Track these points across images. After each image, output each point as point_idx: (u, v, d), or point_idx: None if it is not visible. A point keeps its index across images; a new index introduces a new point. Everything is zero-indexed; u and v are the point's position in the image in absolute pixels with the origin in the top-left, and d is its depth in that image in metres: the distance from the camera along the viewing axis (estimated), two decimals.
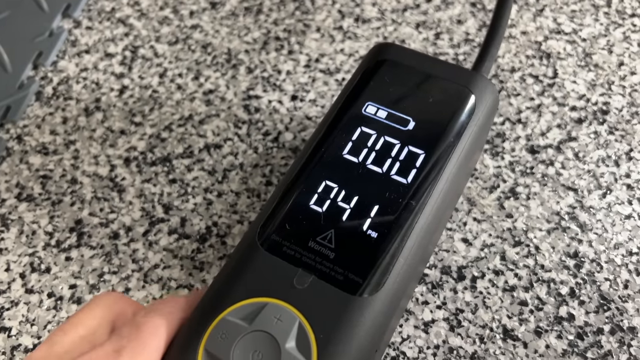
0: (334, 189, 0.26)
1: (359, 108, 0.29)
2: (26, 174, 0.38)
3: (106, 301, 0.24)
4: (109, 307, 0.24)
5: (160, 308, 0.24)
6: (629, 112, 0.37)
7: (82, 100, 0.41)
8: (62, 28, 0.45)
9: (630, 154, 0.36)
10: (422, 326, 0.31)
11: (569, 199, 0.34)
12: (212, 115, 0.40)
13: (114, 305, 0.24)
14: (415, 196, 0.26)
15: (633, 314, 0.31)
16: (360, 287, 0.24)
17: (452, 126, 0.28)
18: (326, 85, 0.40)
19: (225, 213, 0.36)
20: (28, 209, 0.37)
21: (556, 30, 0.42)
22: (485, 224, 0.34)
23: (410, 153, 0.27)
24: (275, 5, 0.45)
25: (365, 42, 0.42)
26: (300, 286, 0.24)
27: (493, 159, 0.36)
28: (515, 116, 0.38)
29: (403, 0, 0.44)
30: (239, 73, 0.42)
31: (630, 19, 0.42)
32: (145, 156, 0.38)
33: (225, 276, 0.25)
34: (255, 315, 0.23)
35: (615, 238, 0.33)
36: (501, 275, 0.32)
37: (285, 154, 0.38)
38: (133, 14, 0.46)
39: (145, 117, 0.40)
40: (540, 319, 0.31)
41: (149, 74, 0.42)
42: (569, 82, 0.39)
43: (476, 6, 0.43)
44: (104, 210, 0.36)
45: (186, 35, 0.44)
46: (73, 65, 0.43)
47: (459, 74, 0.29)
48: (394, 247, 0.25)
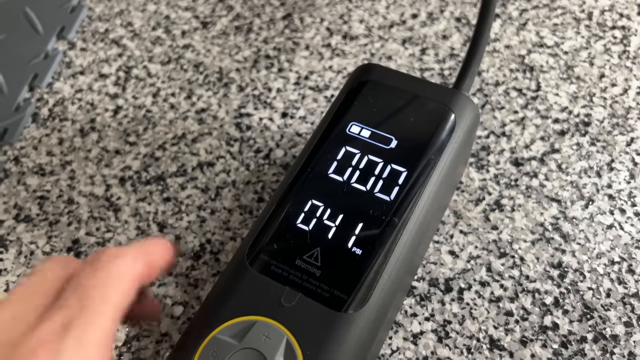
0: (320, 208, 0.27)
1: (344, 128, 0.30)
2: (24, 195, 0.39)
3: (50, 265, 0.22)
4: (52, 271, 0.22)
5: (107, 264, 0.22)
6: (610, 124, 0.38)
7: (77, 121, 0.42)
8: (57, 50, 0.46)
9: (611, 164, 0.37)
10: (411, 338, 0.32)
11: (552, 210, 0.35)
12: (204, 133, 0.41)
13: (58, 270, 0.22)
14: (397, 213, 0.27)
15: (615, 322, 0.31)
16: (345, 303, 0.25)
17: (432, 144, 0.28)
18: (315, 102, 0.41)
19: (218, 230, 0.36)
20: (26, 229, 0.38)
21: (539, 43, 0.43)
22: (471, 236, 0.35)
23: (392, 171, 0.28)
24: (265, 24, 0.46)
25: (353, 59, 0.43)
26: (287, 304, 0.25)
27: (478, 172, 0.37)
28: (500, 129, 0.39)
29: (389, 17, 0.45)
30: (231, 91, 0.43)
31: (610, 31, 0.43)
32: (139, 175, 0.39)
33: (216, 295, 0.26)
34: (245, 333, 0.24)
35: (597, 248, 0.34)
36: (487, 286, 0.33)
37: (277, 171, 0.39)
38: (126, 34, 0.47)
39: (140, 136, 0.41)
40: (525, 329, 0.32)
41: (143, 94, 0.43)
42: (551, 95, 0.40)
43: (461, 21, 0.44)
44: (100, 229, 0.37)
45: (178, 54, 0.45)
46: (68, 86, 0.44)
47: (440, 93, 0.30)
48: (377, 263, 0.26)
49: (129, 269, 0.22)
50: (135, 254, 0.23)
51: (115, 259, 0.22)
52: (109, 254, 0.22)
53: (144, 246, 0.24)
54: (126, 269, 0.22)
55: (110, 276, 0.21)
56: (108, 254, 0.22)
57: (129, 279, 0.22)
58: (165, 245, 0.25)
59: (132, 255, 0.23)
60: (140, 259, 0.23)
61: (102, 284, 0.21)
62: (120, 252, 0.22)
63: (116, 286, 0.21)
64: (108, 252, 0.22)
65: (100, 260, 0.22)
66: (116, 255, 0.22)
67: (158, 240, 0.25)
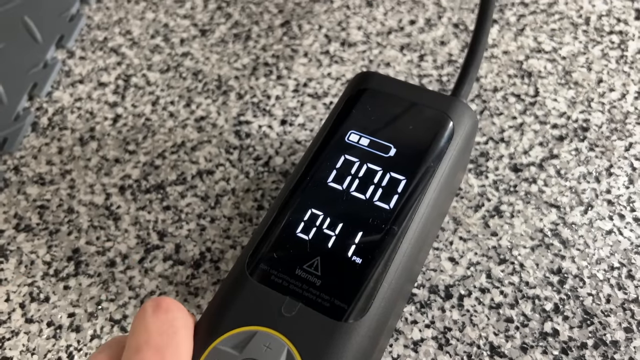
0: (320, 217, 0.27)
1: (342, 136, 0.30)
2: (24, 204, 0.39)
3: (107, 344, 0.23)
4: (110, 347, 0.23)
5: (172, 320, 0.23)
6: (608, 129, 0.38)
7: (77, 129, 0.42)
8: (56, 59, 0.47)
9: (610, 169, 0.37)
10: (412, 345, 0.32)
11: (551, 215, 0.35)
12: (204, 141, 0.41)
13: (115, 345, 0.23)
14: (397, 221, 0.27)
15: (615, 328, 0.31)
16: (346, 312, 0.25)
17: (431, 152, 0.29)
18: (314, 109, 0.41)
19: (218, 238, 0.36)
20: (26, 239, 0.38)
21: (537, 49, 0.43)
22: (471, 242, 0.35)
23: (391, 179, 0.28)
24: (263, 32, 0.46)
25: (352, 66, 0.43)
26: (288, 314, 0.25)
27: (477, 178, 0.37)
28: (498, 135, 0.39)
29: (387, 24, 0.45)
30: (230, 99, 0.43)
31: (608, 36, 0.43)
32: (139, 184, 0.39)
33: (216, 306, 0.26)
34: (246, 343, 0.24)
35: (597, 253, 0.34)
36: (487, 293, 0.33)
37: (276, 178, 0.39)
38: (125, 43, 0.47)
39: (139, 145, 0.41)
40: (525, 335, 0.32)
41: (142, 102, 0.43)
42: (550, 100, 0.40)
43: (459, 27, 0.45)
44: (100, 238, 0.37)
45: (177, 63, 0.45)
46: (67, 95, 0.44)
47: (438, 100, 0.30)
48: (377, 272, 0.26)
49: (189, 324, 0.23)
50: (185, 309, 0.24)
51: (178, 311, 0.23)
52: (169, 304, 0.23)
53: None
54: (188, 322, 0.23)
55: (178, 331, 0.22)
56: (168, 303, 0.23)
57: (191, 334, 0.23)
58: None
59: (186, 310, 0.24)
60: (191, 315, 0.24)
61: (174, 342, 0.22)
62: (177, 302, 0.23)
63: (186, 343, 0.22)
64: (166, 301, 0.23)
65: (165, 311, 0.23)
66: (175, 305, 0.23)
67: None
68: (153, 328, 0.22)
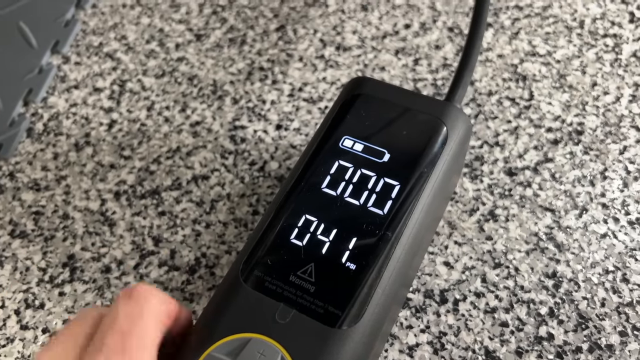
0: (314, 223, 0.27)
1: (336, 142, 0.30)
2: (19, 210, 0.39)
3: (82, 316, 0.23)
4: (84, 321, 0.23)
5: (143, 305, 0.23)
6: (602, 132, 0.39)
7: (72, 135, 0.42)
8: (51, 64, 0.47)
9: (604, 173, 0.37)
10: (407, 350, 0.32)
11: (546, 219, 0.35)
12: (199, 146, 0.41)
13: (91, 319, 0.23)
14: (391, 226, 0.27)
15: (610, 332, 0.31)
16: (340, 319, 0.25)
17: (425, 157, 0.29)
18: (309, 113, 0.41)
19: (213, 244, 0.36)
20: (21, 245, 0.38)
21: (531, 52, 0.43)
22: (465, 246, 0.35)
23: (385, 185, 0.28)
24: (258, 36, 0.46)
25: (347, 70, 0.43)
26: (282, 321, 0.25)
27: (472, 182, 0.37)
28: (493, 139, 0.39)
29: (382, 28, 0.46)
30: (225, 104, 0.43)
31: (602, 40, 0.43)
32: (134, 189, 0.39)
33: (210, 313, 0.26)
34: (240, 350, 0.24)
35: (591, 257, 0.34)
36: (482, 297, 0.33)
37: (271, 183, 0.39)
38: (120, 48, 0.47)
39: (134, 150, 0.41)
40: (520, 340, 0.32)
41: (137, 108, 0.43)
42: (544, 104, 0.40)
43: (453, 31, 0.45)
44: (95, 244, 0.37)
45: (172, 67, 0.45)
46: (63, 100, 0.44)
47: (431, 106, 0.30)
48: (371, 277, 0.26)
49: (161, 310, 0.23)
50: (163, 295, 0.24)
51: (148, 296, 0.23)
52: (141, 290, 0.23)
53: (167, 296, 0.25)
54: (160, 308, 0.23)
55: (145, 315, 0.22)
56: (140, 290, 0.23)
57: (162, 320, 0.23)
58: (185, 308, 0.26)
59: (162, 296, 0.24)
60: (168, 302, 0.24)
61: (139, 324, 0.22)
62: (152, 289, 0.23)
63: (153, 327, 0.22)
64: (140, 288, 0.23)
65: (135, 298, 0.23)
66: (148, 293, 0.23)
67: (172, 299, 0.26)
68: (121, 313, 0.22)
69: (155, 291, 0.24)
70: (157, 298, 0.23)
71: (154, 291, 0.23)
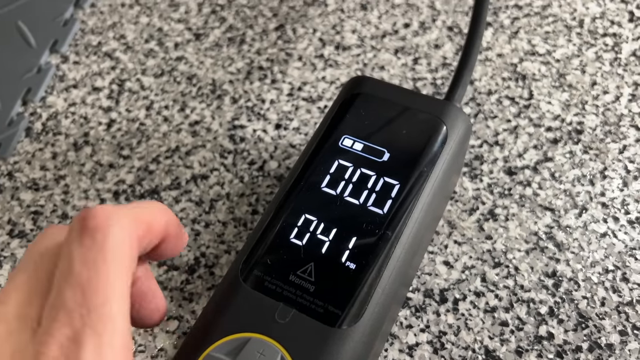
0: (313, 222, 0.27)
1: (336, 141, 0.30)
2: (17, 210, 0.39)
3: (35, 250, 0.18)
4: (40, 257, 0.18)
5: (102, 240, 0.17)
6: (602, 131, 0.39)
7: (71, 135, 0.42)
8: (50, 64, 0.46)
9: (604, 172, 0.37)
10: (407, 350, 0.32)
11: (546, 219, 0.35)
12: (198, 146, 0.41)
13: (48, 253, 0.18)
14: (391, 226, 0.27)
15: (610, 331, 0.31)
16: (339, 318, 0.25)
17: (424, 156, 0.29)
18: (309, 113, 0.41)
19: (213, 243, 0.36)
20: (20, 245, 0.37)
21: (531, 51, 0.43)
22: (465, 246, 0.35)
23: (385, 184, 0.28)
24: (257, 35, 0.46)
25: (346, 70, 0.43)
26: (281, 320, 0.25)
27: (472, 181, 0.37)
28: (493, 138, 0.39)
29: (382, 27, 0.45)
30: (224, 103, 0.43)
31: (602, 39, 0.43)
32: (133, 189, 0.39)
33: (210, 312, 0.25)
34: (239, 350, 0.24)
35: (591, 256, 0.34)
36: (482, 296, 0.33)
37: (271, 182, 0.39)
38: (119, 47, 0.47)
39: (133, 150, 0.41)
40: (520, 339, 0.32)
41: (136, 107, 0.43)
42: (544, 103, 0.40)
43: (453, 30, 0.45)
44: None
45: (171, 67, 0.45)
46: (61, 100, 0.44)
47: (431, 105, 0.30)
48: (371, 277, 0.26)
49: (128, 241, 0.18)
50: (128, 216, 0.18)
51: (108, 228, 0.17)
52: (97, 220, 0.17)
53: (136, 209, 0.19)
54: (125, 240, 0.18)
55: (108, 257, 0.17)
56: (97, 220, 0.17)
57: (130, 255, 0.18)
58: (166, 209, 0.21)
59: (126, 219, 0.18)
60: (136, 224, 0.19)
61: (103, 271, 0.17)
62: (111, 214, 0.18)
63: (119, 270, 0.17)
64: (96, 216, 0.18)
65: (92, 233, 0.17)
66: (108, 221, 0.18)
67: (154, 203, 0.21)
68: (76, 257, 0.17)
69: (116, 214, 0.18)
70: (121, 226, 0.18)
71: (114, 215, 0.18)
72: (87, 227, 0.17)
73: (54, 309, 0.16)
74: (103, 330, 0.16)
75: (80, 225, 0.18)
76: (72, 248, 0.17)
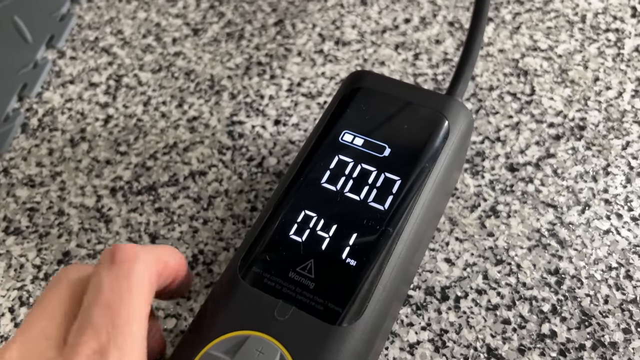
0: (313, 218, 0.27)
1: (336, 136, 0.29)
2: (13, 207, 0.38)
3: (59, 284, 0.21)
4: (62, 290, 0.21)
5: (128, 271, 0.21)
6: (605, 127, 0.38)
7: (67, 131, 0.42)
8: (46, 59, 0.46)
9: (607, 169, 0.36)
10: (408, 348, 0.31)
11: (548, 215, 0.35)
12: (196, 142, 0.40)
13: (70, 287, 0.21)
14: (392, 222, 0.27)
15: (614, 329, 0.31)
16: (340, 316, 0.24)
17: (426, 151, 0.28)
18: (308, 109, 0.41)
19: (211, 240, 0.36)
20: (16, 242, 0.37)
21: (532, 47, 0.42)
22: (467, 243, 0.34)
23: (386, 180, 0.28)
24: (256, 31, 0.46)
25: (346, 65, 0.43)
26: (281, 318, 0.24)
27: (473, 178, 0.37)
28: (495, 134, 0.38)
29: (382, 22, 0.45)
30: (222, 99, 0.42)
31: (604, 34, 0.43)
32: (131, 185, 0.39)
33: (208, 310, 0.25)
34: (238, 348, 0.23)
35: (594, 253, 0.33)
36: (484, 294, 0.33)
37: (270, 179, 0.38)
38: (116, 42, 0.47)
39: (130, 146, 0.40)
40: (523, 337, 0.31)
41: (133, 103, 0.43)
42: (546, 99, 0.40)
43: (454, 25, 0.44)
44: (91, 241, 0.36)
45: (169, 62, 0.45)
46: (58, 96, 0.44)
47: (433, 99, 0.30)
48: (372, 274, 0.25)
49: (149, 275, 0.21)
50: (150, 255, 0.22)
51: (134, 262, 0.21)
52: (125, 255, 0.21)
53: (156, 250, 0.23)
54: (147, 274, 0.21)
55: (132, 285, 0.20)
56: (125, 255, 0.21)
57: (150, 286, 0.21)
58: (178, 254, 0.24)
59: (149, 256, 0.22)
60: (156, 262, 0.22)
61: (127, 296, 0.20)
62: (137, 251, 0.21)
63: (141, 297, 0.20)
64: (125, 252, 0.21)
65: (120, 265, 0.21)
66: (134, 257, 0.21)
67: (170, 247, 0.24)
68: (105, 282, 0.20)
69: (141, 252, 0.21)
70: (144, 261, 0.21)
71: (139, 252, 0.21)
72: (116, 259, 0.21)
73: (81, 326, 0.19)
74: (124, 345, 0.19)
75: (110, 257, 0.21)
76: (103, 276, 0.20)
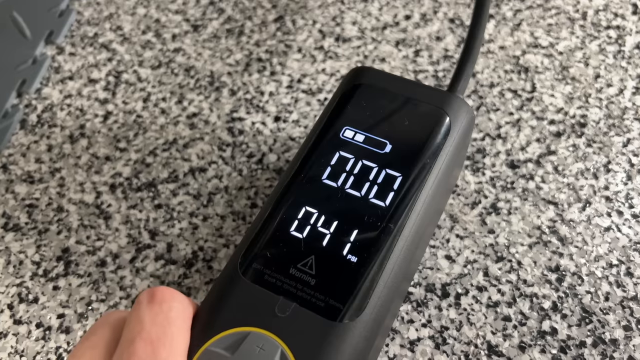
0: (314, 215, 0.27)
1: (337, 132, 0.29)
2: (12, 203, 0.38)
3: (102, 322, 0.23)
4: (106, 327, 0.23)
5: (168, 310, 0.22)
6: (605, 124, 0.38)
7: (66, 127, 0.42)
8: (45, 55, 0.46)
9: (608, 166, 0.36)
10: (408, 345, 0.31)
11: (549, 212, 0.35)
12: (196, 138, 0.40)
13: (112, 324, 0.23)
14: (393, 219, 0.26)
15: (614, 326, 0.31)
16: (341, 312, 0.24)
17: (427, 148, 0.28)
18: (309, 105, 0.41)
19: (211, 237, 0.36)
20: (15, 238, 0.37)
21: (533, 44, 0.42)
22: (467, 240, 0.34)
23: (387, 176, 0.27)
24: (256, 27, 0.46)
25: (346, 62, 0.43)
26: (282, 314, 0.24)
27: (474, 174, 0.37)
28: (495, 131, 0.38)
29: (382, 19, 0.45)
30: (222, 95, 0.42)
31: (605, 31, 0.43)
32: (130, 182, 0.38)
33: (208, 306, 0.25)
34: (238, 344, 0.23)
35: (595, 251, 0.33)
36: (484, 291, 0.33)
37: (270, 176, 0.38)
38: (116, 38, 0.46)
39: (130, 142, 0.40)
40: (523, 334, 0.31)
41: (133, 99, 0.43)
42: (547, 96, 0.40)
43: (454, 22, 0.44)
44: (90, 237, 0.36)
45: (169, 58, 0.45)
46: (57, 92, 0.44)
47: (434, 96, 0.30)
48: (373, 270, 0.25)
49: (187, 314, 0.23)
50: (185, 297, 0.23)
51: (172, 302, 0.22)
52: (164, 295, 0.23)
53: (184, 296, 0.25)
54: (185, 313, 0.23)
55: (173, 323, 0.22)
56: (163, 295, 0.23)
57: (188, 325, 0.23)
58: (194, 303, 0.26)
59: (184, 298, 0.23)
60: (190, 304, 0.24)
61: (169, 332, 0.21)
62: (174, 292, 0.23)
63: (181, 334, 0.22)
64: (163, 292, 0.23)
65: (159, 303, 0.22)
66: (172, 297, 0.23)
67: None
68: (147, 319, 0.22)
69: (177, 294, 0.23)
70: (181, 302, 0.23)
71: (175, 294, 0.23)
72: (156, 299, 0.22)
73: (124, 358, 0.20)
74: None
75: (149, 297, 0.22)
76: (143, 313, 0.22)
